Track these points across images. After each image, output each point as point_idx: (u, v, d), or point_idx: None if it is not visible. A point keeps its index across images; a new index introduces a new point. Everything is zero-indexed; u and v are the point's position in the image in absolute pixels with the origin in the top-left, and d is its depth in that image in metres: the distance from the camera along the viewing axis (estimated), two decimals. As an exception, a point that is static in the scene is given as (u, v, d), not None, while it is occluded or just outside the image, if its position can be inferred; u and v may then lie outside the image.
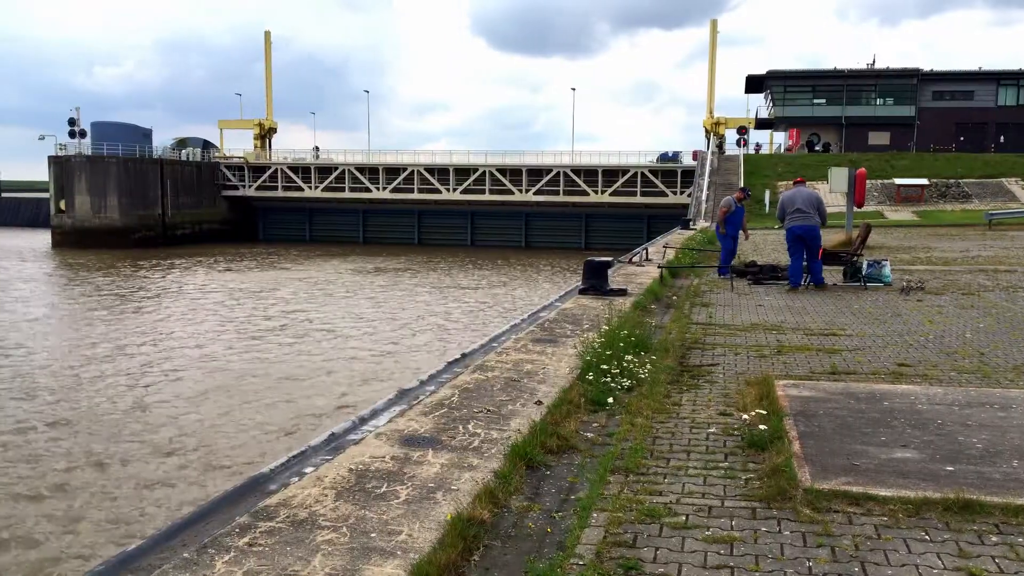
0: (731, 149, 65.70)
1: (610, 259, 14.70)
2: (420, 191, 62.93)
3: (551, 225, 62.72)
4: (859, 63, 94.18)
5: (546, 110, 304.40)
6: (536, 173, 61.24)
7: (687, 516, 4.58)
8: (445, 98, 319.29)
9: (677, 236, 30.68)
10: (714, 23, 73.69)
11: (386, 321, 27.14)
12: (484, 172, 61.60)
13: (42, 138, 60.44)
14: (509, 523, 4.70)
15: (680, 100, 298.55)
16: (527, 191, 60.84)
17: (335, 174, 64.39)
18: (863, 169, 23.89)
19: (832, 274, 15.89)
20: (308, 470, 5.52)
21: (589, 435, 6.23)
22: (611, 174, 59.90)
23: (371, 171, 64.26)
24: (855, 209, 24.10)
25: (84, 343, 22.89)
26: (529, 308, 14.53)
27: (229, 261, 48.36)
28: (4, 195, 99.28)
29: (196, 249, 55.30)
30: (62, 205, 55.93)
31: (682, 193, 57.35)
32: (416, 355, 21.76)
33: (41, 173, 60.07)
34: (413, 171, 63.02)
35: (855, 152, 60.65)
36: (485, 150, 65.23)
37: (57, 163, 56.40)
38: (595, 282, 13.12)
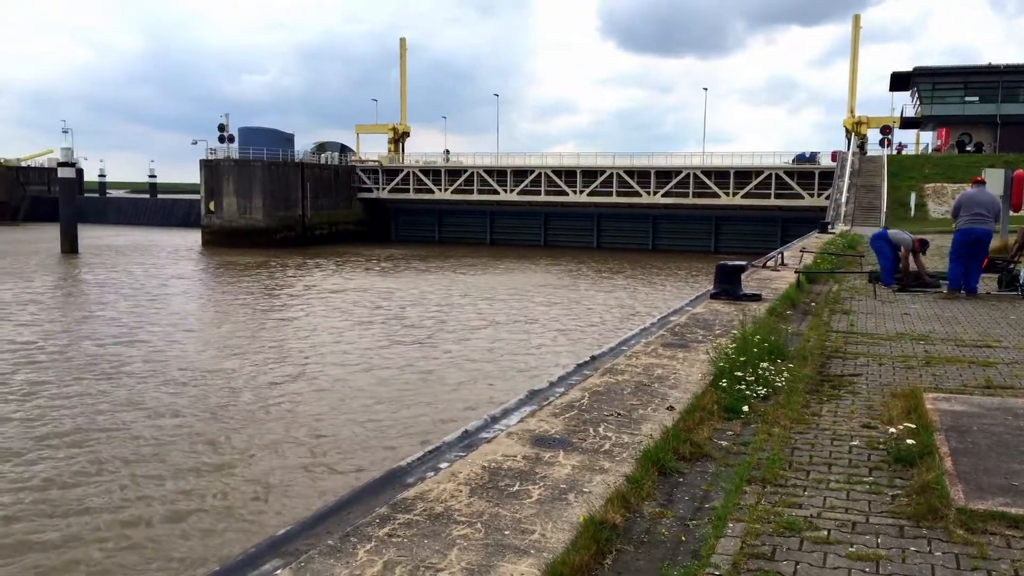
0: (873, 149, 62.71)
1: (743, 263, 14.31)
2: (547, 193, 63.21)
3: (679, 228, 61.71)
4: (1016, 58, 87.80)
5: (675, 111, 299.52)
6: (665, 175, 60.39)
7: (829, 531, 4.42)
8: (573, 100, 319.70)
9: (814, 240, 29.53)
10: (857, 18, 70.54)
11: (514, 321, 27.44)
12: (611, 174, 61.25)
13: (194, 143, 64.18)
14: (641, 528, 4.66)
15: (818, 99, 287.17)
16: (655, 193, 60.08)
17: (464, 176, 65.60)
18: (1021, 171, 22.30)
19: (985, 282, 14.92)
20: (443, 465, 5.66)
21: (723, 443, 6.11)
22: (743, 175, 58.35)
23: (499, 173, 65.08)
24: (1011, 213, 22.52)
25: (234, 339, 24.27)
26: (657, 311, 14.36)
27: (367, 261, 50.10)
28: (160, 196, 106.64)
29: (333, 249, 57.56)
30: (211, 206, 59.45)
31: (819, 195, 55.19)
32: (544, 356, 21.90)
33: (193, 176, 64.13)
34: (540, 173, 63.38)
35: (1011, 152, 56.57)
36: (612, 152, 64.68)
37: (207, 166, 60.00)
38: (727, 286, 12.81)
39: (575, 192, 62.15)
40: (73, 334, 24.07)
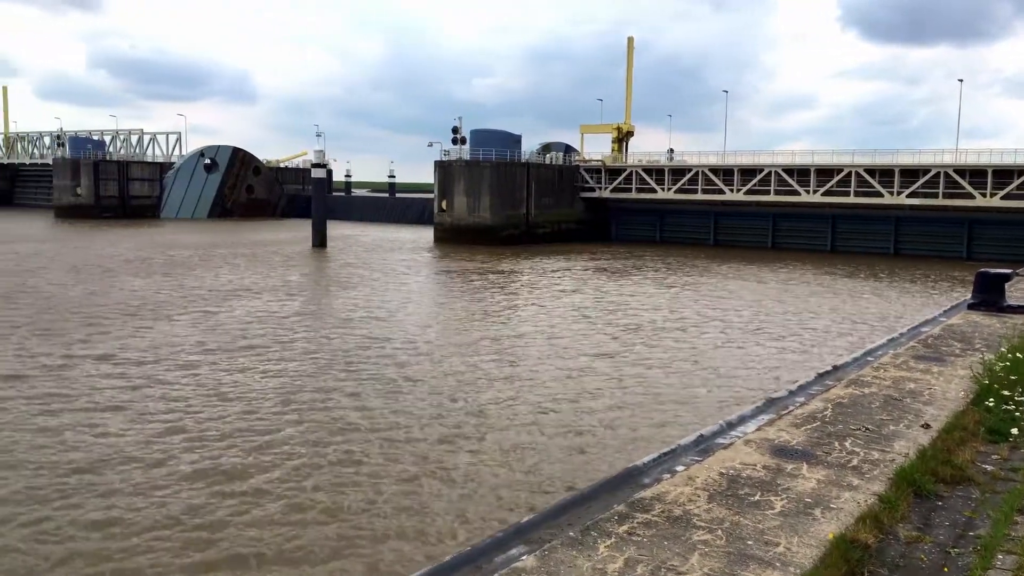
0: None
1: (1008, 271, 12.96)
2: (777, 193, 60.54)
3: (926, 231, 56.79)
4: None
5: (925, 104, 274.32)
6: (911, 174, 55.83)
7: (1125, 577, 3.93)
8: (808, 95, 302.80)
9: (1091, 247, 26.13)
10: None
11: (743, 326, 26.64)
12: (849, 172, 57.55)
13: (430, 145, 67.76)
14: (896, 552, 4.39)
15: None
16: (899, 193, 55.72)
17: (688, 176, 64.39)
18: None
19: None
20: (679, 468, 5.64)
21: (988, 467, 5.60)
22: (1004, 174, 52.63)
23: (725, 172, 63.25)
24: None
25: (473, 333, 25.48)
26: (905, 321, 13.36)
27: (591, 260, 50.66)
28: (397, 195, 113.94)
29: (556, 247, 58.69)
30: (443, 205, 62.64)
31: (1097, 196, 48.71)
32: (777, 363, 21.08)
33: (427, 175, 67.69)
34: (770, 172, 60.84)
35: None
36: (851, 149, 60.69)
37: (441, 167, 63.26)
38: (989, 296, 11.67)
39: (808, 192, 59.07)
40: (325, 321, 26.36)
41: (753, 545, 4.36)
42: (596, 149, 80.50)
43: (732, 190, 62.41)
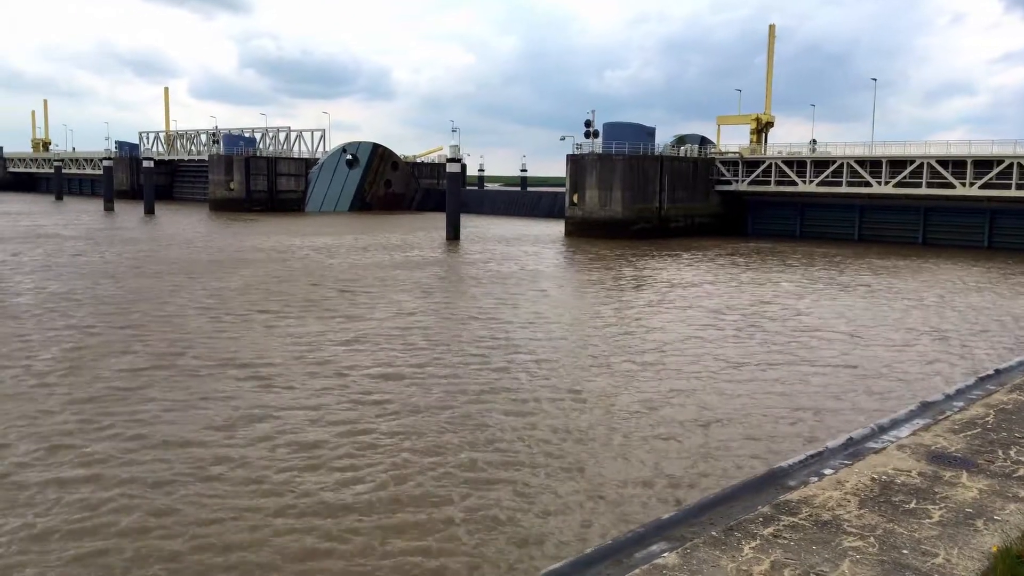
0: None
1: None
2: (929, 186, 57.08)
3: (1098, 226, 52.28)
4: None
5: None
6: (1081, 164, 51.50)
7: None
8: (966, 81, 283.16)
9: None
10: None
11: (890, 325, 25.38)
12: (1011, 164, 53.59)
13: (563, 139, 68.17)
14: (1070, 571, 4.09)
15: None
16: (1067, 186, 51.52)
17: (832, 168, 61.67)
18: None
19: None
20: (827, 472, 5.46)
21: None
22: None
23: (872, 164, 60.19)
24: None
25: (615, 331, 25.47)
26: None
27: (731, 256, 49.45)
28: (528, 189, 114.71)
29: (690, 242, 57.57)
30: (575, 198, 62.62)
31: None
32: (929, 365, 20.01)
33: (558, 169, 67.81)
34: (922, 164, 57.44)
35: None
36: (1014, 139, 56.38)
37: (573, 161, 63.26)
38: None
39: (964, 184, 55.41)
40: (456, 316, 27.04)
41: (909, 554, 4.18)
42: (733, 141, 78.39)
43: (880, 182, 59.40)
